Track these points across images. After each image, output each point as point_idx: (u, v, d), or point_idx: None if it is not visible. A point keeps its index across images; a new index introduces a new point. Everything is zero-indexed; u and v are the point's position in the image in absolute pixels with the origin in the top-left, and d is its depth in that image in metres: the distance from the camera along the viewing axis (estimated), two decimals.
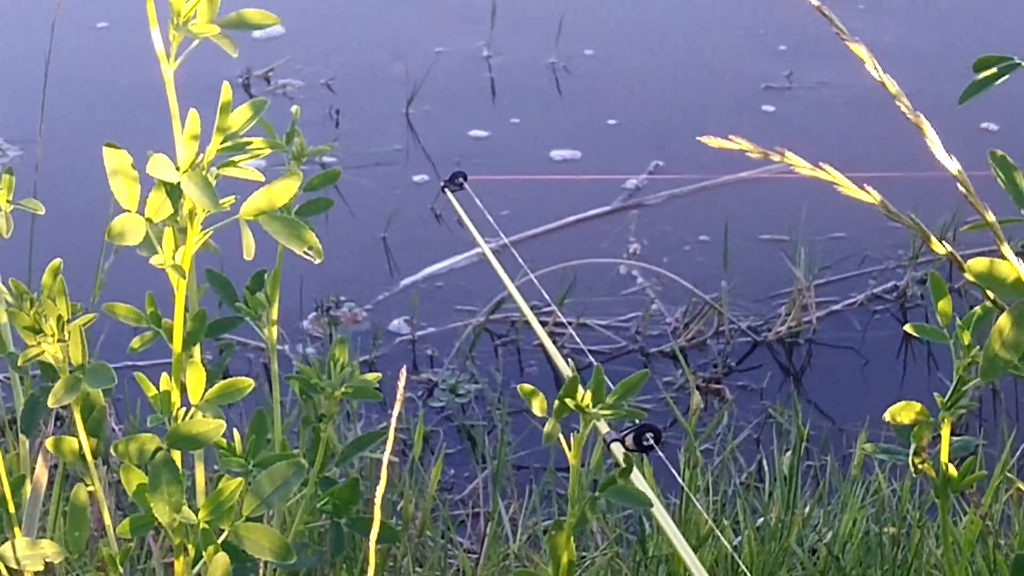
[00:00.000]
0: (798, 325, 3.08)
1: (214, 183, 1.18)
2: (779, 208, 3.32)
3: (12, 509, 1.31)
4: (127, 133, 3.64)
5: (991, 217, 1.12)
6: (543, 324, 2.97)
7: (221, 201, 1.18)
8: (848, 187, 1.17)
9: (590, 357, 2.91)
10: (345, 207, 3.40)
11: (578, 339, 2.92)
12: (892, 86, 1.13)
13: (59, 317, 1.21)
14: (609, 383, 1.37)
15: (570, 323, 3.02)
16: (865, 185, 1.17)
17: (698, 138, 1.18)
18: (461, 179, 1.84)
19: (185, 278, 1.19)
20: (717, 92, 3.89)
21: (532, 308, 2.98)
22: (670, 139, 3.67)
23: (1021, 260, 1.12)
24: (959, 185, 1.12)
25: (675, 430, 2.80)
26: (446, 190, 1.86)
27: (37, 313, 1.21)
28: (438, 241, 3.28)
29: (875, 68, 1.12)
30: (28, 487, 1.35)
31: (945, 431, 1.42)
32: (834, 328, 3.11)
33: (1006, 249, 1.11)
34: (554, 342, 2.96)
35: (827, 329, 3.11)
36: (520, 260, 2.92)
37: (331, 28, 4.13)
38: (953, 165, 1.12)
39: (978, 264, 1.12)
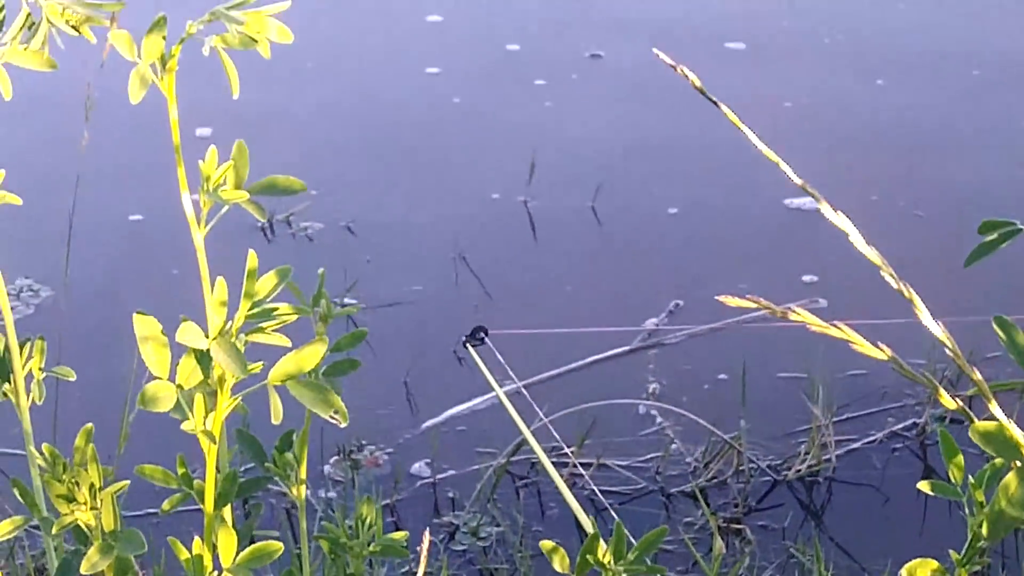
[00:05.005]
0: (818, 463, 3.09)
1: (242, 349, 1.21)
2: (796, 346, 3.34)
3: None
4: (154, 279, 3.69)
5: (978, 376, 1.14)
6: (563, 465, 2.99)
7: (249, 367, 1.21)
8: (861, 345, 1.20)
9: (608, 499, 2.92)
10: (367, 349, 3.43)
11: (592, 483, 2.94)
12: (876, 258, 1.16)
13: (91, 485, 1.24)
14: (630, 537, 1.39)
15: (590, 464, 3.04)
16: (879, 343, 1.19)
17: (717, 297, 1.21)
18: (482, 333, 1.87)
19: (216, 443, 1.21)
20: (739, 216, 3.93)
21: (553, 449, 3.01)
22: (690, 278, 3.70)
23: None
24: (946, 348, 1.14)
25: (696, 572, 2.80)
26: (467, 345, 1.89)
27: (70, 481, 1.24)
28: (460, 384, 3.30)
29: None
30: None
31: None
32: (854, 466, 3.12)
33: (995, 409, 1.13)
34: (574, 483, 2.99)
35: (847, 467, 3.12)
36: (535, 405, 2.95)
37: (352, 172, 4.19)
38: (939, 330, 1.15)
39: (983, 426, 1.13)
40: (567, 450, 3.00)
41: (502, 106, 4.51)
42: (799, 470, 3.08)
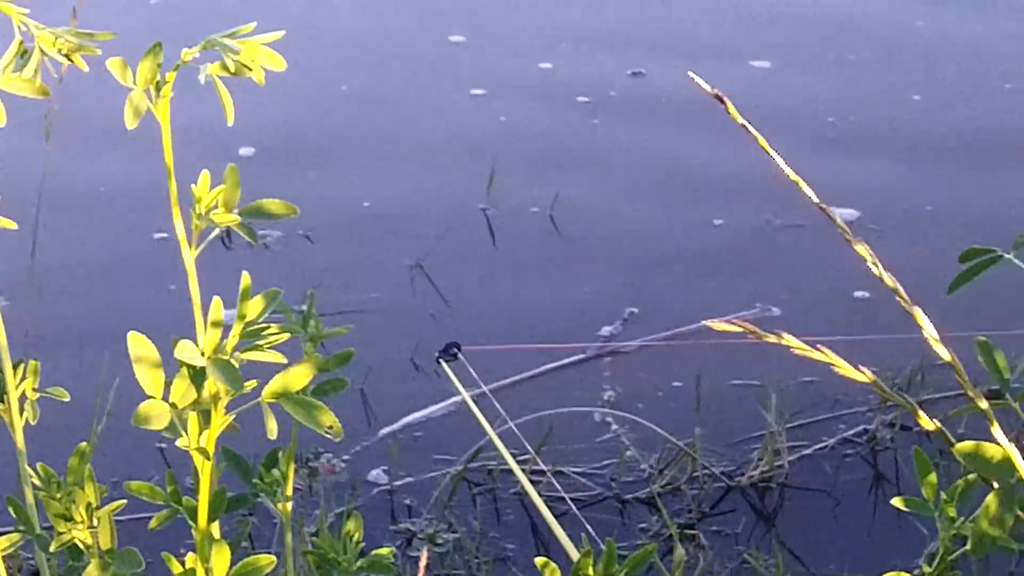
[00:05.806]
0: (771, 469, 3.13)
1: (237, 366, 1.24)
2: (750, 353, 3.38)
3: None
4: (119, 292, 3.70)
5: (985, 404, 1.18)
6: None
7: (244, 384, 1.24)
8: (844, 368, 1.23)
9: (564, 505, 2.95)
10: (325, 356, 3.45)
11: (558, 485, 2.97)
12: (890, 281, 1.19)
13: (88, 504, 1.26)
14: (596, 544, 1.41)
15: (547, 471, 3.07)
16: (861, 366, 1.23)
17: (703, 322, 1.24)
18: (455, 349, 1.91)
19: (210, 460, 1.24)
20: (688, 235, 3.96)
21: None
22: (645, 285, 3.74)
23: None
24: (955, 374, 1.18)
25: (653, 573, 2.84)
26: (440, 361, 1.93)
27: (67, 500, 1.26)
28: (416, 391, 3.33)
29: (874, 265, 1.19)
30: None
31: None
32: (806, 472, 3.17)
33: (997, 432, 1.17)
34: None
35: (799, 473, 3.16)
36: (500, 408, 2.98)
37: (310, 179, 4.20)
38: (946, 353, 1.19)
39: (966, 446, 1.18)
40: (523, 456, 3.03)
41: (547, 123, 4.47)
42: (752, 476, 3.12)
